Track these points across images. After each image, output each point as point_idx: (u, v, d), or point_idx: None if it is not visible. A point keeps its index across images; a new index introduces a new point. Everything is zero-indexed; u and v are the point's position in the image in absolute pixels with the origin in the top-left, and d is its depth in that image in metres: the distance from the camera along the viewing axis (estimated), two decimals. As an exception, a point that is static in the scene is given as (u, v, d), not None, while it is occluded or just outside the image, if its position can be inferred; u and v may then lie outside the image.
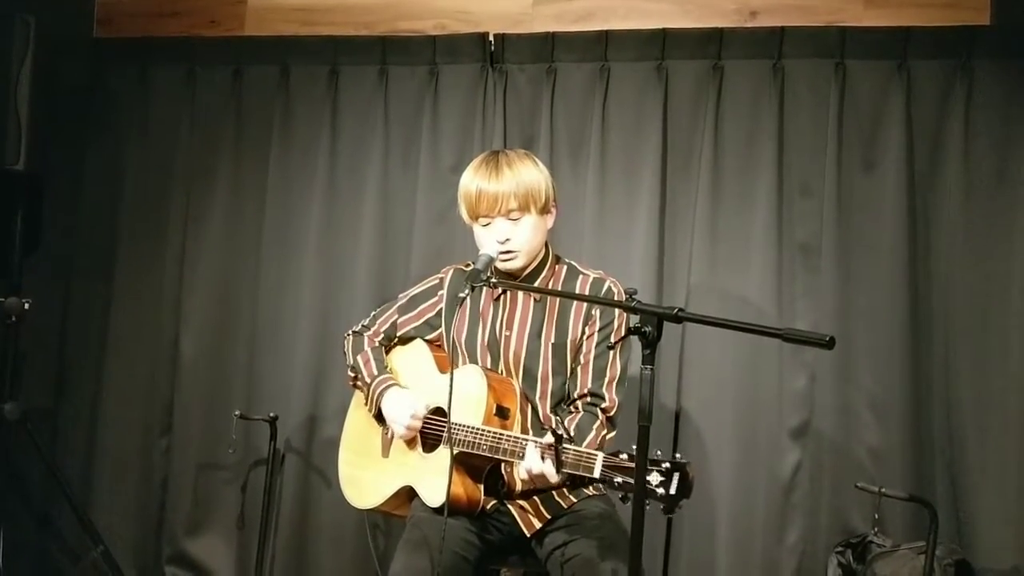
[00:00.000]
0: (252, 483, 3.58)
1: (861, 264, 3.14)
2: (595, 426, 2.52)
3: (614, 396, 2.60)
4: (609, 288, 2.63)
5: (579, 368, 2.61)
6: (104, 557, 3.48)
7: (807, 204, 3.19)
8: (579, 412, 2.59)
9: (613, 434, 2.58)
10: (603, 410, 2.59)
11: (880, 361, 3.11)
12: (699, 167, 3.24)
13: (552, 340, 2.62)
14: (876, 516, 2.93)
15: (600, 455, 2.24)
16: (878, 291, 3.11)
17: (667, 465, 2.05)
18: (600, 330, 2.61)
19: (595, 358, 2.60)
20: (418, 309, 2.80)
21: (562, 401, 2.64)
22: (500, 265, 2.61)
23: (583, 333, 2.61)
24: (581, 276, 2.68)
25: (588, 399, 2.60)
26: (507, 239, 2.59)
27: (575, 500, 2.63)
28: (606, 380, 2.60)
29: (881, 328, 3.11)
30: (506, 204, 2.58)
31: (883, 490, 2.86)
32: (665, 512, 2.04)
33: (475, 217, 2.64)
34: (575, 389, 2.62)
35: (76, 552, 3.67)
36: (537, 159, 2.67)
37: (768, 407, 3.17)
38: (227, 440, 3.44)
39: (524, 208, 2.60)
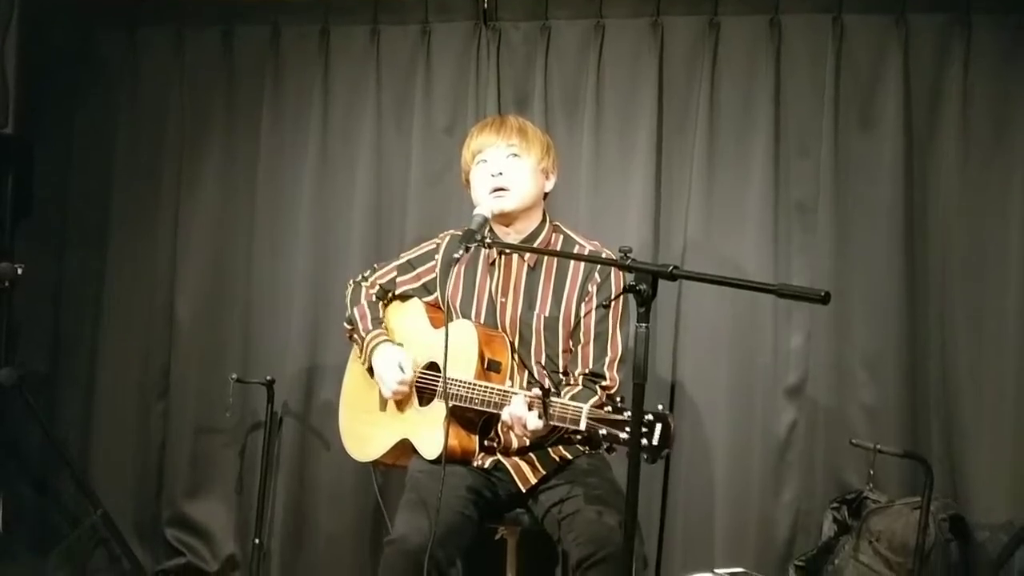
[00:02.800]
0: (250, 446, 3.60)
1: (857, 223, 3.14)
2: (592, 399, 2.53)
3: (615, 375, 2.62)
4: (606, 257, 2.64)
5: (579, 347, 2.63)
6: (103, 520, 3.52)
7: (804, 164, 3.18)
8: (577, 386, 2.62)
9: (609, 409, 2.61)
10: (603, 387, 2.61)
11: (875, 319, 3.12)
12: (695, 126, 3.24)
13: (546, 312, 2.64)
14: (871, 472, 2.95)
15: (585, 407, 2.28)
16: (874, 250, 3.12)
17: (649, 417, 2.08)
18: (598, 307, 2.62)
19: (595, 336, 2.62)
20: (415, 272, 2.84)
21: (557, 373, 2.66)
22: (492, 205, 2.62)
23: (578, 309, 2.63)
24: (577, 246, 2.70)
25: (589, 377, 2.63)
26: (500, 172, 2.62)
27: (570, 457, 2.66)
28: (607, 359, 2.62)
29: (876, 287, 3.12)
30: (507, 140, 2.64)
31: (878, 447, 2.88)
32: (649, 461, 2.09)
33: (473, 157, 2.67)
34: (576, 367, 2.64)
35: (75, 515, 3.70)
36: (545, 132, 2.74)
37: (764, 366, 3.19)
38: (224, 404, 3.45)
39: (524, 151, 2.64)
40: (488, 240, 2.54)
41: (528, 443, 2.61)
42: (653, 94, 3.26)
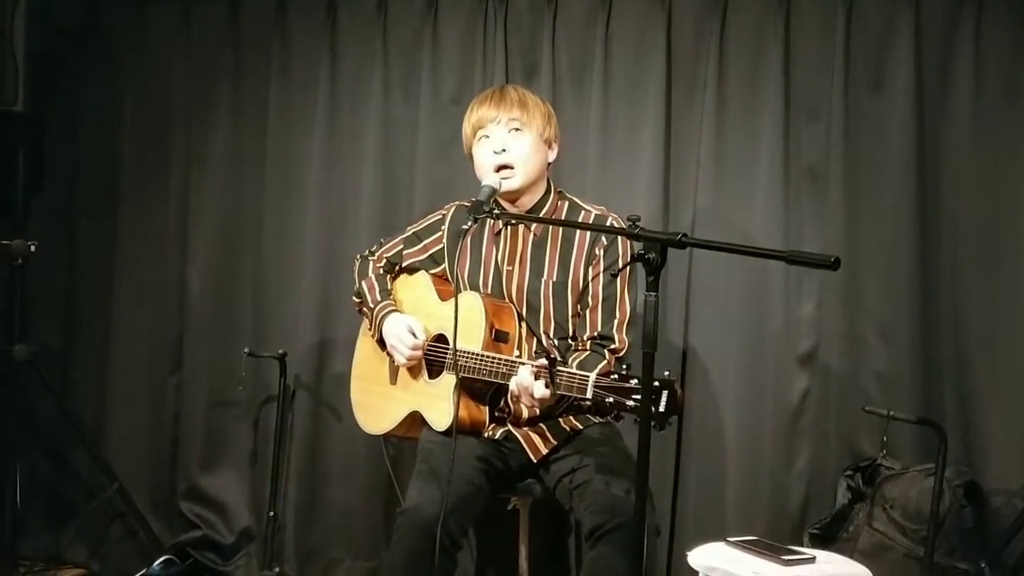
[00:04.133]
0: (263, 419, 3.60)
1: (869, 188, 3.10)
2: (600, 365, 2.52)
3: (624, 337, 2.61)
4: (612, 224, 2.62)
5: (587, 311, 2.61)
6: (119, 494, 3.53)
7: (814, 128, 3.14)
8: (586, 351, 2.60)
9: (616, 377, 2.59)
10: (612, 351, 2.60)
11: (888, 286, 3.08)
12: (704, 93, 3.19)
13: (554, 278, 2.62)
14: (884, 439, 2.92)
15: (592, 375, 2.26)
16: (886, 215, 3.08)
17: (655, 383, 2.06)
18: (605, 269, 2.60)
19: (603, 300, 2.60)
20: (422, 243, 2.83)
21: (566, 339, 2.64)
22: (503, 185, 2.60)
23: (586, 274, 2.60)
24: (583, 212, 2.68)
25: (597, 340, 2.61)
26: (503, 149, 2.59)
27: (581, 427, 2.65)
28: (616, 322, 2.60)
29: (888, 252, 3.08)
30: (507, 114, 2.61)
31: (892, 413, 2.86)
32: (657, 428, 2.07)
33: (475, 132, 2.64)
34: (584, 332, 2.62)
35: (91, 489, 3.71)
36: (547, 101, 2.71)
37: (775, 334, 3.16)
38: (237, 377, 3.45)
39: (526, 125, 2.61)
40: (496, 211, 2.52)
41: (537, 413, 2.60)
42: (662, 63, 3.21)
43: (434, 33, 3.42)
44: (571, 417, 2.65)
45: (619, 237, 2.61)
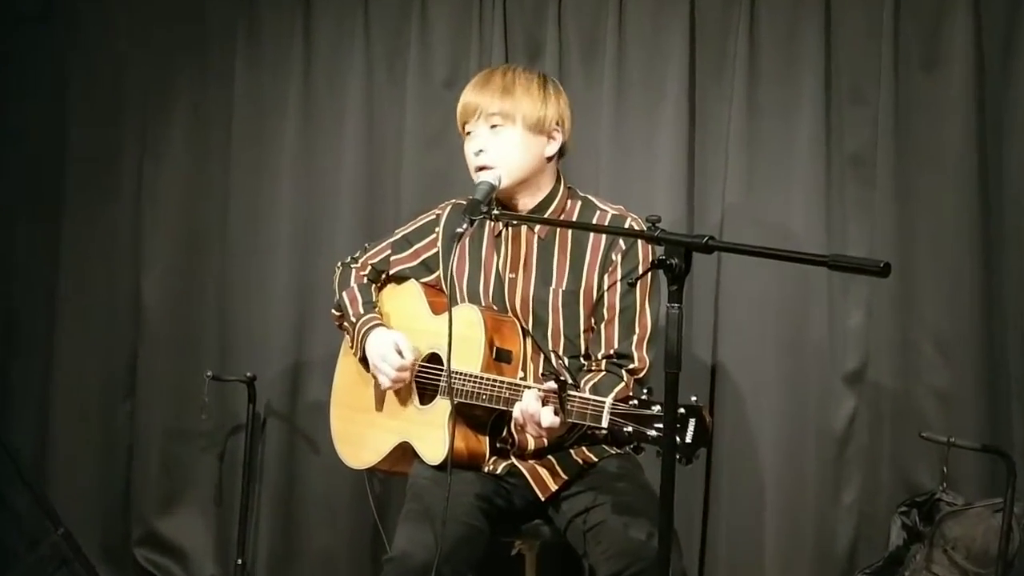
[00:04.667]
0: (230, 452, 3.61)
1: (923, 179, 3.11)
2: (617, 388, 2.51)
3: (645, 355, 2.59)
4: (630, 226, 2.61)
5: (602, 325, 2.60)
6: (65, 540, 3.52)
7: (859, 110, 3.15)
8: (600, 372, 2.59)
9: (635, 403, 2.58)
10: (631, 371, 2.58)
11: (947, 291, 3.09)
12: (733, 70, 3.20)
13: (563, 287, 2.61)
14: (945, 470, 2.92)
15: (608, 400, 2.25)
16: (943, 209, 3.09)
17: (681, 410, 2.05)
18: (623, 278, 2.59)
19: (621, 312, 2.59)
20: (413, 248, 2.83)
21: (577, 357, 2.64)
22: (477, 179, 2.59)
23: (600, 282, 2.60)
24: (598, 212, 2.67)
25: (614, 359, 2.60)
26: (480, 150, 2.60)
27: (595, 459, 2.64)
28: (635, 338, 2.59)
29: (947, 252, 3.09)
30: (487, 106, 2.60)
31: (952, 440, 2.86)
32: (683, 462, 2.06)
33: (462, 126, 2.68)
34: (598, 349, 2.61)
35: (33, 536, 3.69)
36: (554, 81, 2.69)
37: (818, 348, 3.16)
38: (199, 404, 3.45)
39: (507, 117, 2.60)
40: (496, 212, 2.51)
41: (545, 444, 2.59)
42: (684, 36, 3.23)
43: (423, 5, 3.43)
44: (584, 448, 2.63)
45: (639, 241, 2.60)
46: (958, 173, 3.06)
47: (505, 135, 2.60)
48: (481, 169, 2.61)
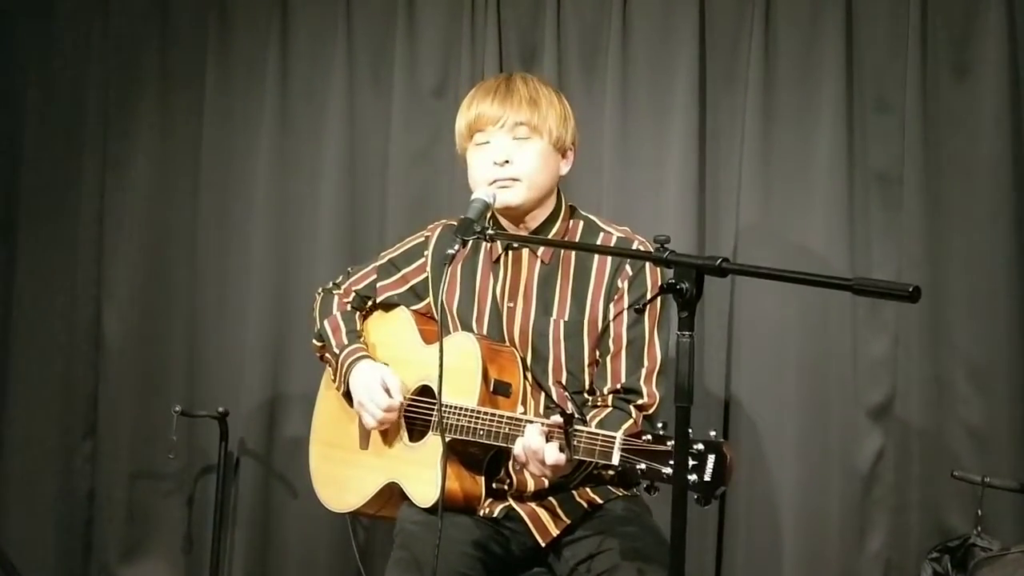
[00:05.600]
0: (200, 495, 3.61)
1: (954, 196, 3.13)
2: (625, 425, 2.52)
3: (654, 390, 2.60)
4: (638, 249, 2.62)
5: (608, 358, 2.61)
6: (20, 592, 3.53)
7: (884, 121, 3.17)
8: (606, 408, 2.60)
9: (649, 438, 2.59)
10: (639, 407, 2.58)
11: (980, 317, 3.10)
12: (746, 78, 3.23)
13: (565, 317, 2.62)
14: (979, 512, 2.93)
15: (619, 436, 2.25)
16: (976, 229, 3.11)
17: (700, 446, 2.06)
18: (630, 306, 2.59)
19: (628, 344, 2.59)
20: (401, 273, 2.82)
21: (581, 392, 2.65)
22: (497, 199, 2.58)
23: (606, 311, 2.61)
24: (602, 234, 2.67)
25: (621, 394, 2.60)
26: (506, 160, 2.58)
27: (600, 501, 2.65)
28: (644, 371, 2.60)
29: (981, 276, 3.10)
30: (514, 115, 2.59)
31: (987, 479, 2.87)
32: (702, 503, 2.06)
33: (471, 133, 2.64)
34: (604, 383, 2.62)
35: (-15, 586, 3.71)
36: (564, 97, 2.70)
37: (841, 380, 3.18)
38: (166, 442, 3.44)
39: (536, 129, 2.60)
40: (491, 232, 2.51)
41: (547, 484, 2.59)
42: (693, 41, 3.26)
43: (410, 8, 3.46)
44: (588, 489, 2.63)
45: (647, 266, 2.60)
46: (992, 189, 3.08)
47: (531, 147, 2.60)
48: (505, 182, 2.58)
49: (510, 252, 2.68)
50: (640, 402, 2.59)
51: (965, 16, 3.11)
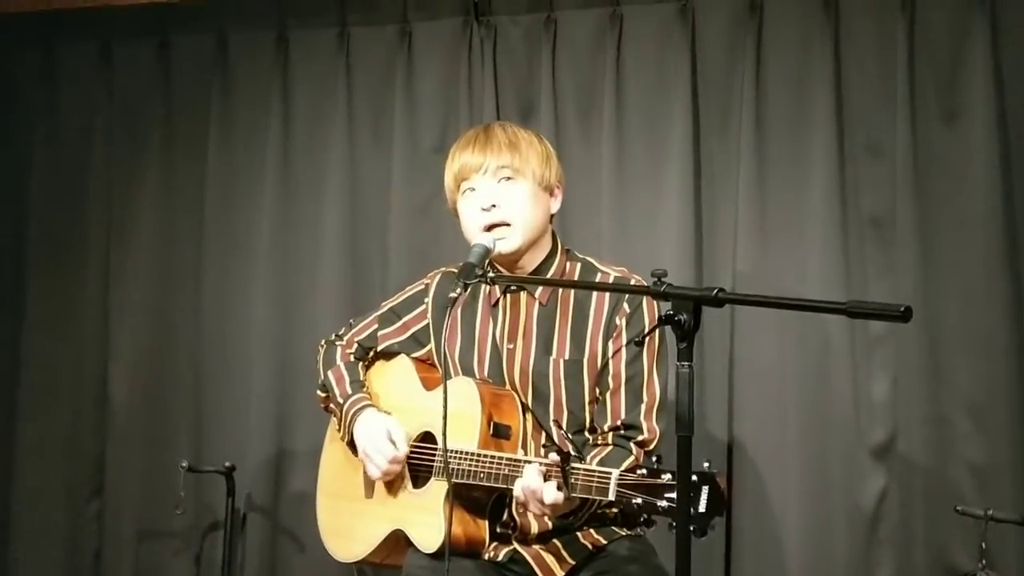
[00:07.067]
0: (207, 552, 3.59)
1: (948, 237, 3.14)
2: (626, 462, 2.51)
3: (655, 425, 2.59)
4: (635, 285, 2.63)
5: (608, 396, 2.61)
6: (27, 656, 3.49)
7: (876, 166, 3.20)
8: (607, 446, 2.60)
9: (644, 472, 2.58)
10: (640, 443, 2.58)
11: (978, 356, 3.10)
12: (739, 127, 3.26)
13: (565, 356, 2.62)
14: (983, 546, 2.89)
15: (615, 471, 2.25)
16: (971, 270, 3.11)
17: (694, 477, 2.06)
18: (629, 343, 2.60)
19: (627, 380, 2.60)
20: (402, 321, 2.83)
21: (582, 431, 2.64)
22: (496, 247, 2.60)
23: (605, 349, 2.62)
24: (599, 274, 2.69)
25: (621, 431, 2.60)
26: (492, 205, 2.60)
27: (605, 541, 2.63)
28: (643, 407, 2.59)
29: (977, 316, 3.10)
30: (495, 160, 2.61)
31: (991, 513, 2.85)
32: (697, 534, 2.04)
33: (458, 184, 2.67)
34: (604, 420, 2.61)
35: (-7, 653, 3.69)
36: (544, 139, 2.73)
37: (842, 420, 3.17)
38: (173, 499, 3.42)
39: (519, 171, 2.62)
40: (492, 275, 2.53)
41: (549, 525, 2.58)
42: (686, 91, 3.30)
43: (408, 66, 3.52)
44: (592, 530, 2.62)
45: (644, 304, 2.61)
46: (985, 232, 3.09)
47: (518, 188, 2.62)
48: (493, 227, 2.60)
49: (508, 295, 2.69)
50: (640, 438, 2.59)
51: (951, 61, 3.14)
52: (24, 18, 3.84)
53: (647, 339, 2.58)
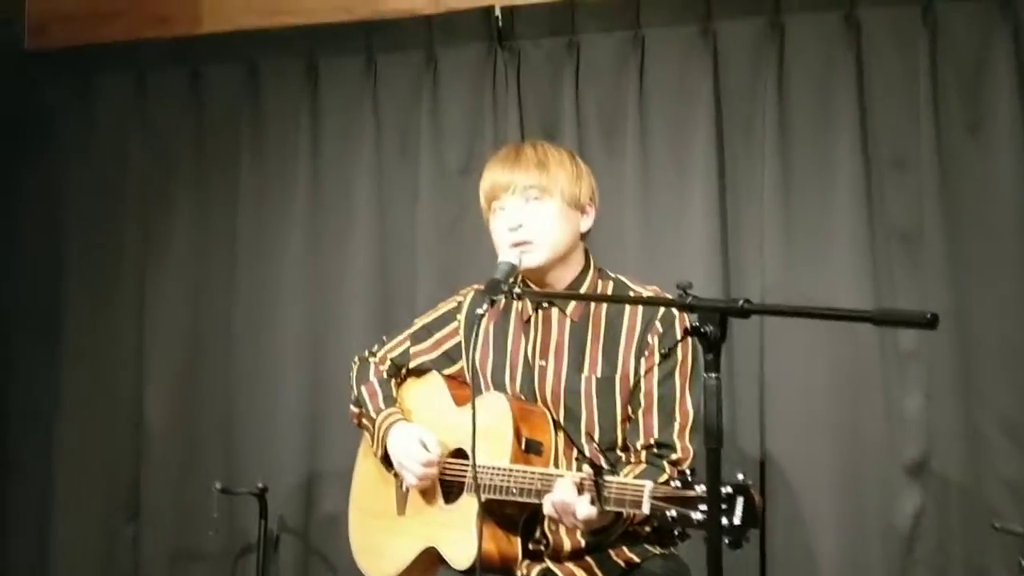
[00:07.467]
0: (240, 572, 3.59)
1: (977, 247, 3.12)
2: (660, 480, 2.51)
3: (688, 444, 2.58)
4: (668, 308, 2.62)
5: (640, 414, 2.60)
6: (65, 678, 3.50)
7: (902, 178, 3.19)
8: (640, 464, 2.59)
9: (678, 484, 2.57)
10: (673, 462, 2.57)
11: (1011, 370, 3.08)
12: (763, 142, 3.26)
13: (597, 374, 2.62)
14: (1022, 562, 2.87)
15: (648, 484, 2.24)
16: (1002, 280, 3.09)
17: (728, 489, 2.05)
18: (661, 363, 2.60)
19: (659, 399, 2.59)
20: (434, 338, 2.84)
21: (614, 449, 2.64)
22: (522, 262, 2.61)
23: (637, 367, 2.61)
24: (631, 293, 2.69)
25: (654, 450, 2.59)
26: (519, 225, 2.61)
27: (638, 560, 2.62)
28: (676, 426, 2.59)
29: (1011, 328, 3.08)
30: (523, 179, 2.62)
31: (1029, 528, 2.82)
32: (732, 547, 2.03)
33: (489, 203, 2.69)
34: (637, 438, 2.61)
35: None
36: (578, 156, 2.74)
37: (875, 437, 3.15)
38: (207, 521, 3.45)
39: (546, 190, 2.62)
40: (517, 290, 2.54)
41: (582, 542, 2.57)
42: (709, 112, 3.31)
43: (434, 91, 3.55)
44: (625, 548, 2.61)
45: (677, 322, 2.61)
46: (1017, 238, 3.07)
47: (544, 208, 2.62)
48: (518, 245, 2.61)
49: (540, 312, 2.69)
50: (674, 457, 2.57)
51: (974, 70, 3.14)
52: (62, 53, 3.91)
53: (680, 359, 2.58)
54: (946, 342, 3.07)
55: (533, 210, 2.62)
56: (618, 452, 2.63)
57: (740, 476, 2.09)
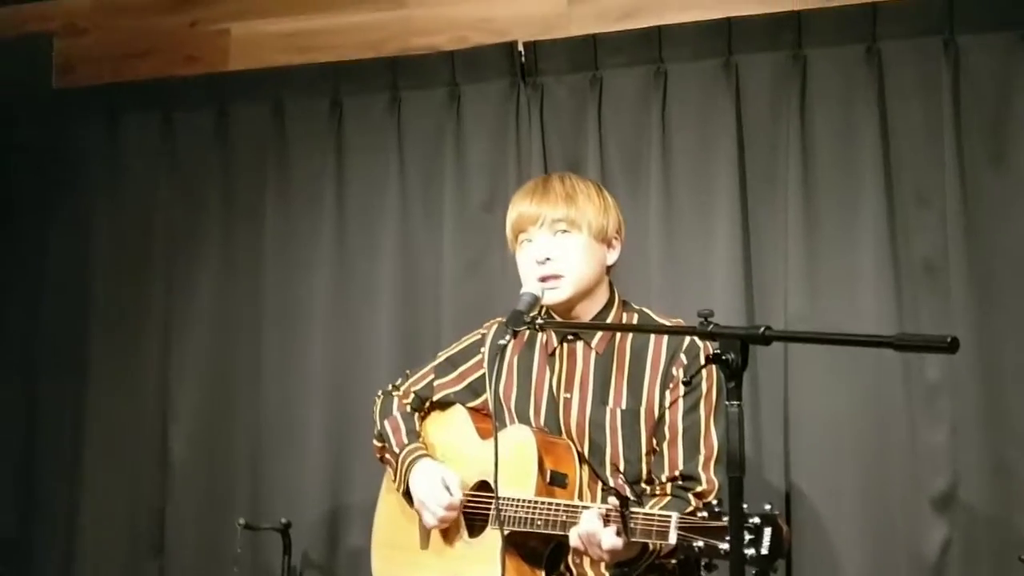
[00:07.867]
0: (264, 611, 3.57)
1: (1002, 281, 3.11)
2: (686, 511, 2.50)
3: (713, 476, 2.57)
4: (692, 340, 2.61)
5: (665, 446, 2.60)
6: None
7: (925, 212, 3.18)
8: (666, 496, 2.58)
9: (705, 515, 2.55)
10: (698, 494, 2.56)
11: (1038, 400, 3.05)
12: (786, 176, 3.26)
13: (622, 406, 2.61)
14: (1046, 591, 2.84)
15: (675, 515, 2.23)
16: (1026, 313, 3.07)
17: (756, 519, 2.04)
18: (686, 395, 2.59)
19: (684, 431, 2.58)
20: (458, 371, 2.85)
21: (639, 482, 2.63)
22: (545, 296, 2.61)
23: (662, 399, 2.61)
24: (656, 326, 2.69)
25: (679, 482, 2.58)
26: (547, 258, 2.60)
27: (662, 592, 2.60)
28: (701, 458, 2.58)
29: (1035, 360, 3.05)
30: (551, 213, 2.62)
31: (1058, 561, 2.79)
32: None
33: (515, 235, 2.69)
34: (662, 471, 2.60)
35: None
36: (604, 189, 2.74)
37: (900, 469, 3.13)
38: (231, 556, 3.44)
39: (574, 224, 2.62)
40: (540, 321, 2.52)
41: (607, 574, 2.56)
42: (731, 146, 3.31)
43: (458, 127, 3.57)
44: (649, 578, 2.61)
45: (701, 354, 2.60)
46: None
47: (572, 242, 2.62)
48: (546, 279, 2.61)
49: (565, 345, 2.69)
50: (699, 489, 2.56)
51: (996, 104, 3.14)
52: (90, 91, 3.97)
53: (704, 392, 2.58)
54: (971, 373, 3.05)
55: (561, 243, 2.63)
56: (643, 485, 2.62)
57: (767, 506, 2.08)
